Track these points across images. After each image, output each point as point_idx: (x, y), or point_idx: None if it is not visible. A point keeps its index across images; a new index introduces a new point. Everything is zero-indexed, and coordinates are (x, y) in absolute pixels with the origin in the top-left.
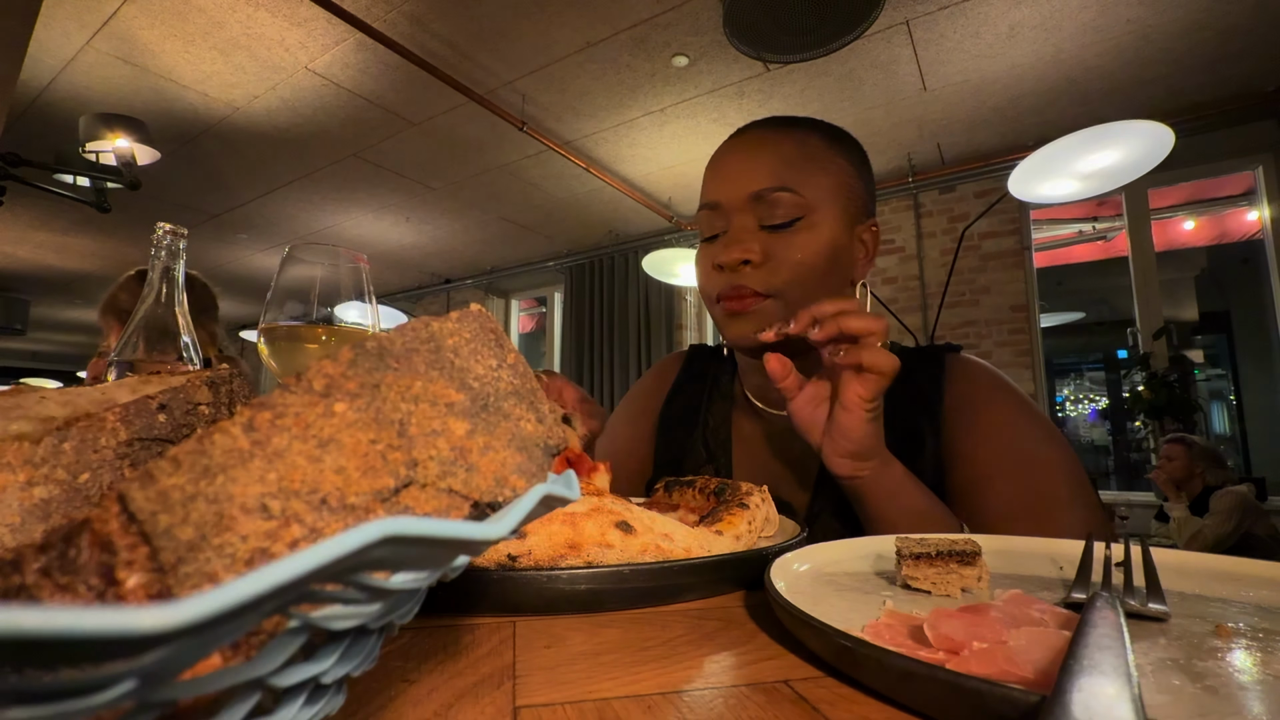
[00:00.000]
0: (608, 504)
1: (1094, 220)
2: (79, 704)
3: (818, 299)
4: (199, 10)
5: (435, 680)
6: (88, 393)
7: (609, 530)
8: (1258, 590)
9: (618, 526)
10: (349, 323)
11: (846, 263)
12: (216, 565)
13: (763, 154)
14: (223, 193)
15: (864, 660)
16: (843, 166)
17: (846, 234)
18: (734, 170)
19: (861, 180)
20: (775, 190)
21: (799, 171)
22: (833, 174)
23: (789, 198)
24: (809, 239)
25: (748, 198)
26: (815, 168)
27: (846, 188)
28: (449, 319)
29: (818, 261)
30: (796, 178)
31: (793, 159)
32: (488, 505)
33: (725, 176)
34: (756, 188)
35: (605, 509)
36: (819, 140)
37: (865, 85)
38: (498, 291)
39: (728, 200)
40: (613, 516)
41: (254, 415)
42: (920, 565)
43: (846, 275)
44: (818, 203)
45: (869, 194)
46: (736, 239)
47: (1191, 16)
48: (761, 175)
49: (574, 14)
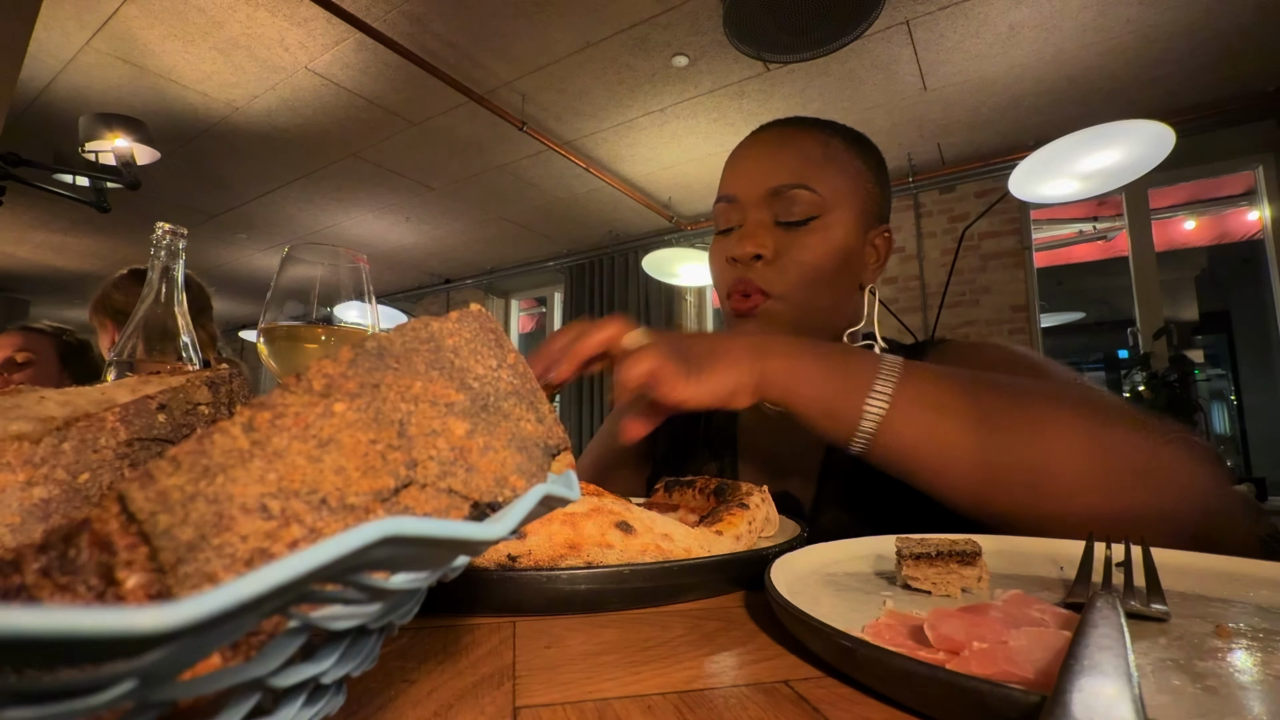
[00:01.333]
0: (608, 504)
1: (1094, 220)
2: (79, 704)
3: (822, 304)
4: (199, 10)
5: (435, 680)
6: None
7: (609, 530)
8: (1258, 590)
9: (618, 526)
10: (349, 323)
11: (856, 266)
12: (216, 565)
13: (785, 151)
14: (223, 193)
15: (864, 660)
16: (861, 170)
17: (859, 238)
18: (755, 165)
19: (879, 186)
20: (794, 187)
21: (819, 171)
22: (851, 177)
23: (807, 196)
24: (822, 240)
25: (766, 192)
26: (835, 169)
27: (864, 192)
28: (449, 319)
29: (828, 263)
30: (816, 176)
31: (814, 158)
32: (488, 505)
33: (745, 171)
34: (776, 183)
35: (605, 509)
36: (841, 143)
37: (865, 85)
38: (498, 291)
39: (745, 194)
40: (613, 516)
41: (254, 415)
42: (920, 565)
43: (855, 279)
44: (834, 204)
45: (885, 200)
46: (751, 233)
47: (1191, 16)
48: (782, 171)
49: (574, 14)
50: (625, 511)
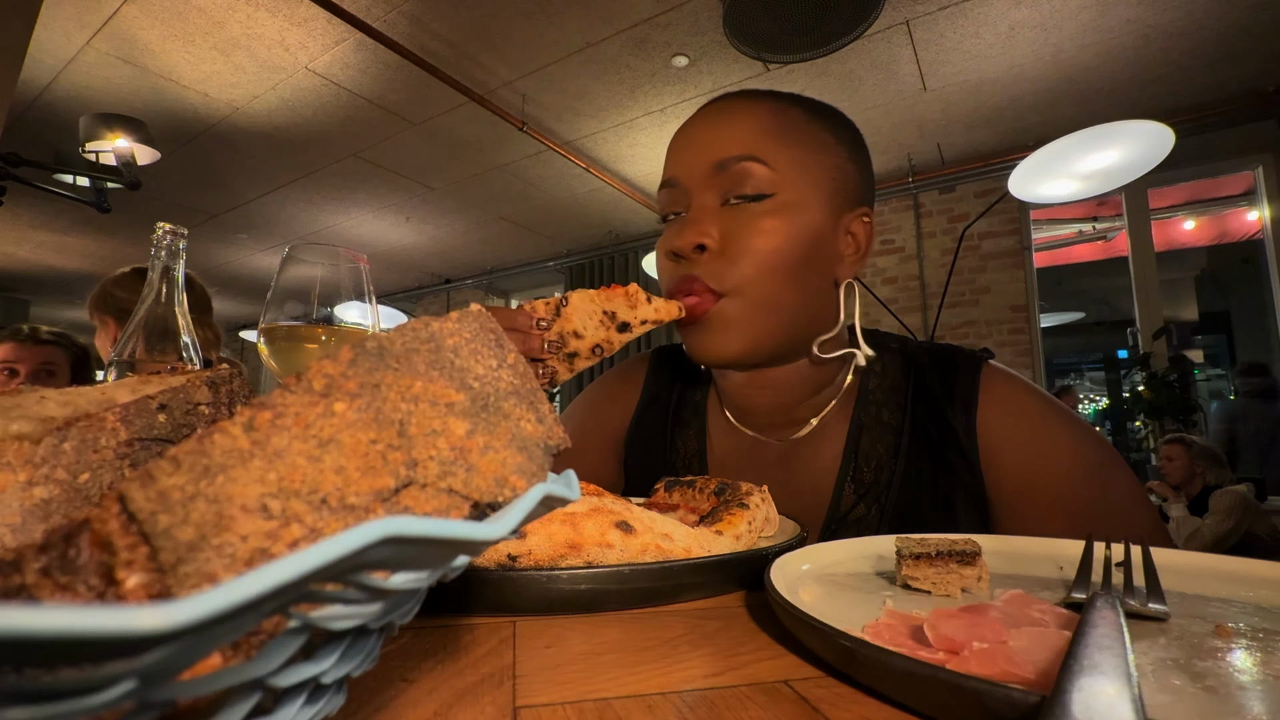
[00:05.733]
0: (608, 504)
1: (1094, 220)
2: (79, 704)
3: (787, 302)
4: (199, 10)
5: (435, 680)
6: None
7: (609, 530)
8: (1258, 590)
9: (618, 526)
10: (349, 323)
11: (828, 257)
12: (216, 565)
13: (731, 120)
14: (223, 193)
15: (864, 660)
16: (828, 143)
17: (829, 222)
18: (697, 139)
19: (854, 163)
20: (741, 159)
21: (772, 140)
22: (814, 149)
23: (759, 170)
24: (779, 224)
25: (710, 168)
26: (792, 139)
27: (832, 168)
28: (449, 319)
29: (788, 250)
30: (768, 147)
31: (766, 126)
32: (488, 505)
33: (686, 146)
34: (719, 156)
35: (605, 509)
36: (801, 112)
37: (865, 85)
38: (498, 291)
39: (687, 174)
40: (613, 516)
41: (254, 415)
42: (920, 565)
43: (828, 272)
44: (793, 179)
45: (863, 180)
46: (693, 219)
47: (1191, 16)
48: (727, 143)
49: (574, 14)
50: (625, 511)
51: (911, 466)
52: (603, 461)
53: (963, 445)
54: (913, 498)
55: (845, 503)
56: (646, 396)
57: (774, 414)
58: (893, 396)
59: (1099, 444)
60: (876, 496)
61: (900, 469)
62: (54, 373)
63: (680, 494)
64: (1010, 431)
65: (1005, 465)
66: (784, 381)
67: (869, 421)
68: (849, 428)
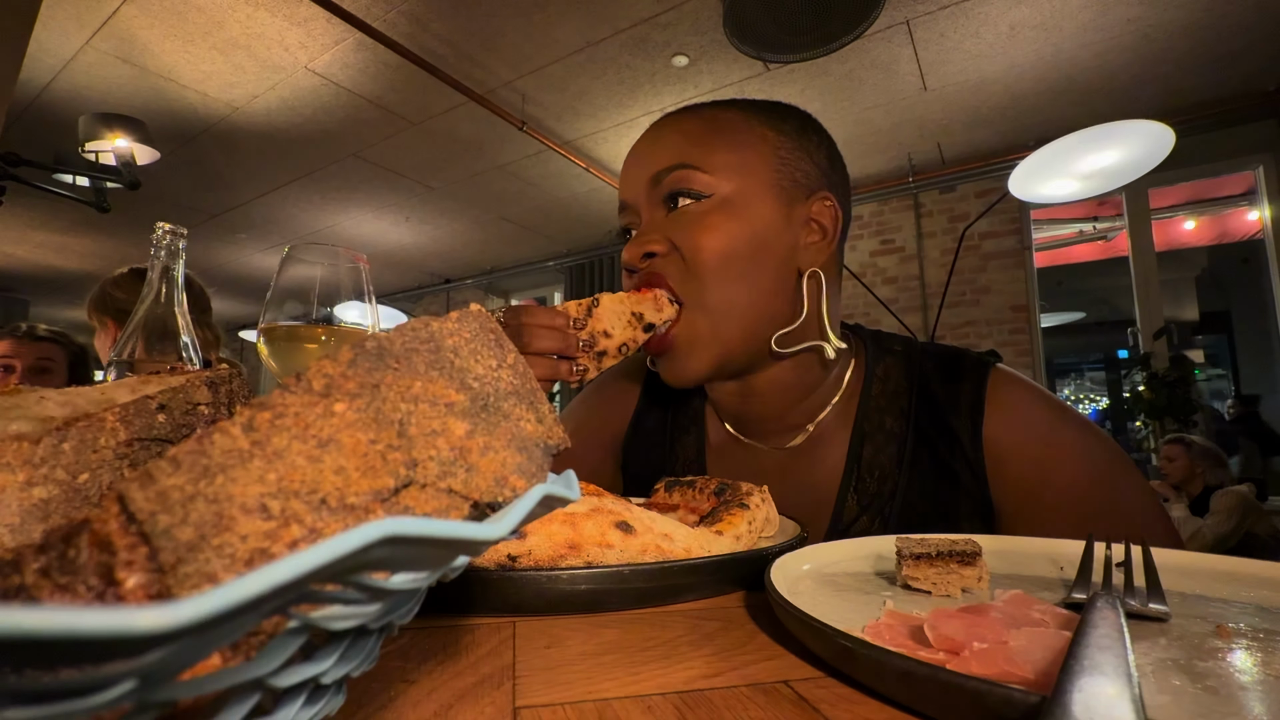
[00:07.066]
0: (608, 504)
1: (1094, 220)
2: (79, 704)
3: (741, 300)
4: (199, 10)
5: (435, 680)
6: (87, 393)
7: (609, 530)
8: (1258, 590)
9: (618, 526)
10: (349, 323)
11: (786, 248)
12: (216, 565)
13: (663, 136)
14: (222, 193)
15: (864, 660)
16: (766, 136)
17: (779, 213)
18: (639, 158)
19: (803, 150)
20: (674, 169)
21: (702, 146)
22: (752, 145)
23: (692, 175)
24: (721, 219)
25: (648, 183)
26: (725, 140)
27: (774, 159)
28: (449, 319)
29: (735, 245)
30: (698, 153)
31: (694, 133)
32: (488, 505)
33: (631, 166)
34: (654, 170)
35: (605, 509)
36: (735, 114)
37: (865, 85)
38: (498, 291)
39: (632, 193)
40: (613, 516)
41: (254, 415)
42: (920, 565)
43: (786, 263)
44: (729, 178)
45: (817, 166)
46: (640, 233)
47: (1192, 16)
48: (659, 156)
49: (574, 14)
50: (625, 511)
51: (916, 477)
52: (602, 462)
53: (968, 454)
54: (916, 508)
55: (848, 514)
56: (645, 400)
57: (767, 421)
58: (896, 402)
59: (1109, 451)
60: (880, 508)
61: (904, 479)
62: (50, 369)
63: (680, 494)
64: (1019, 442)
65: (1012, 476)
66: (770, 387)
67: (871, 429)
68: (851, 435)
